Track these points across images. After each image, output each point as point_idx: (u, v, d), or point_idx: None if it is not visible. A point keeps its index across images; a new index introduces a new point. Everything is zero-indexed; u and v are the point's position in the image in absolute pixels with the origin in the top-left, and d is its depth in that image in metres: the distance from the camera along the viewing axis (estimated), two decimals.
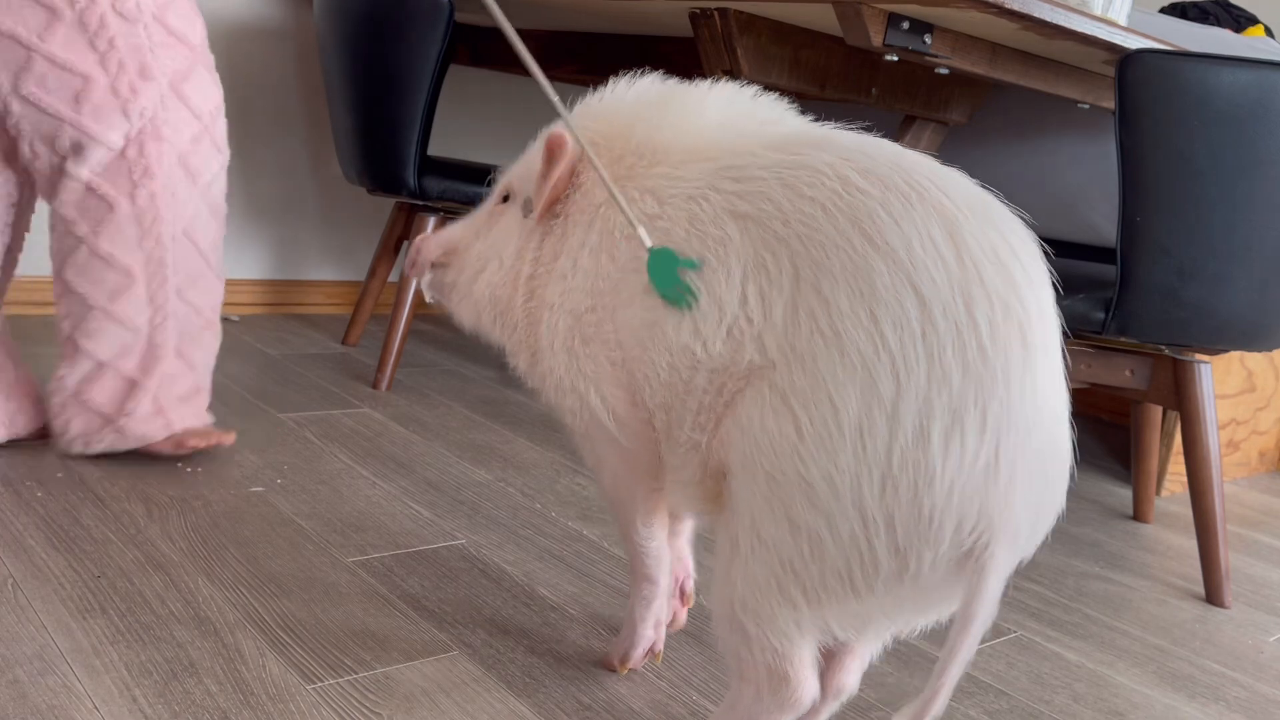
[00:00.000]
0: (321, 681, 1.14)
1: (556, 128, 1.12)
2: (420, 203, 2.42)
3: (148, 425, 1.65)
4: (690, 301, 0.95)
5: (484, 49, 2.92)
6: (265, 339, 2.62)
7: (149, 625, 1.21)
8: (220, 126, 1.67)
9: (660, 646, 1.25)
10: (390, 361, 2.31)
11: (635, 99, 1.12)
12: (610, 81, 1.15)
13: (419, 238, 1.25)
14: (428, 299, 1.26)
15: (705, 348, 0.93)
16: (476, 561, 1.50)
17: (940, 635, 1.46)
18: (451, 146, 3.18)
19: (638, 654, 1.23)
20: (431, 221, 2.37)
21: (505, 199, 1.19)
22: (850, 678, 1.05)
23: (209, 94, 1.64)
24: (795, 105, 1.10)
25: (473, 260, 1.19)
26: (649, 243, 0.98)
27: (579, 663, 1.26)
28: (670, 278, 0.97)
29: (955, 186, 0.88)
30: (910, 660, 1.36)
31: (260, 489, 1.65)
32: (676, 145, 1.05)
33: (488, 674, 1.20)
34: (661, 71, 1.16)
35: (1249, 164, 1.53)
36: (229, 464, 1.73)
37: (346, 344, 2.67)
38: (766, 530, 0.89)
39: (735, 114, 1.07)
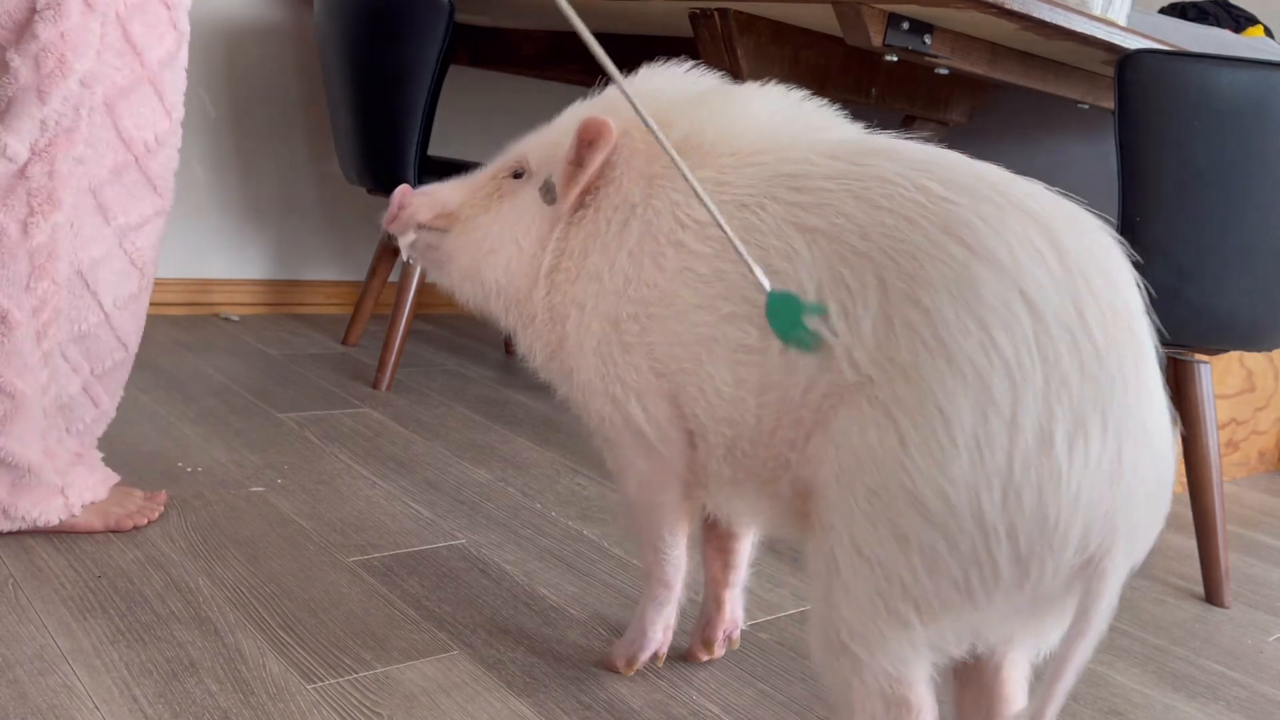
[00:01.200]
0: (322, 681, 1.14)
1: (593, 111, 1.07)
2: None
3: (40, 508, 1.35)
4: (815, 345, 0.88)
5: (484, 49, 2.92)
6: (265, 339, 2.62)
7: (149, 625, 1.21)
8: (159, 163, 1.34)
9: (665, 650, 1.25)
10: (390, 361, 2.31)
11: (674, 92, 1.08)
12: (643, 69, 1.11)
13: (401, 190, 1.19)
14: (404, 257, 1.21)
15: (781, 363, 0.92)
16: (476, 561, 1.50)
17: None
18: (451, 146, 3.18)
19: (644, 657, 1.23)
20: None
21: (517, 175, 1.15)
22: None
23: (148, 122, 1.32)
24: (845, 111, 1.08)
25: (479, 238, 1.14)
26: (767, 285, 0.89)
27: (579, 663, 1.26)
28: (793, 324, 0.86)
29: (1039, 193, 0.87)
30: None
31: (260, 489, 1.65)
32: (722, 147, 1.02)
33: (488, 674, 1.21)
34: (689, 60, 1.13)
35: (1249, 164, 1.53)
36: (229, 464, 1.74)
37: (346, 344, 2.67)
38: (870, 547, 0.85)
39: (783, 117, 1.04)
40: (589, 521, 1.70)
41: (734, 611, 1.28)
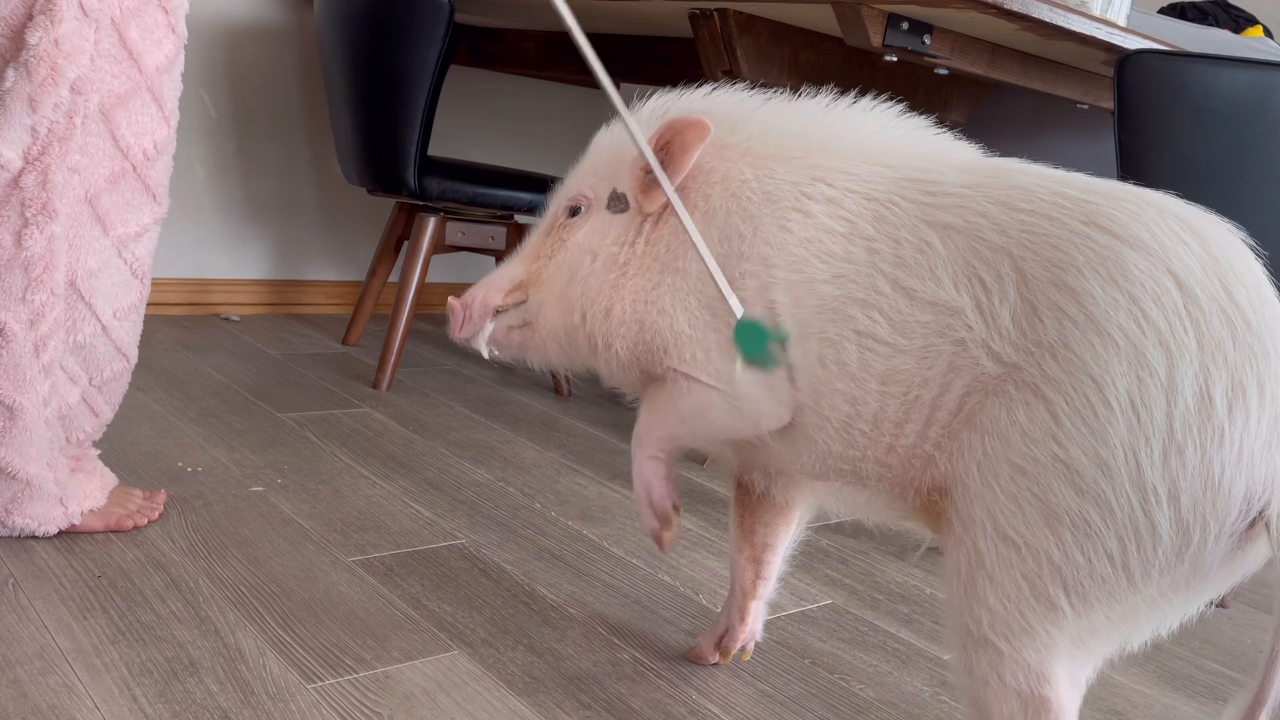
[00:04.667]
0: (322, 681, 1.15)
1: (678, 113, 1.08)
2: (420, 203, 2.42)
3: (39, 520, 1.35)
4: (774, 365, 0.97)
5: (484, 49, 2.93)
6: (265, 339, 2.63)
7: (149, 625, 1.22)
8: (158, 171, 1.32)
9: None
10: (390, 361, 2.32)
11: (775, 106, 1.11)
12: (725, 86, 1.14)
13: (451, 300, 1.17)
14: (486, 355, 1.18)
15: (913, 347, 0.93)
16: (476, 561, 1.50)
17: (935, 634, 1.46)
18: (451, 146, 3.18)
19: (669, 506, 1.14)
20: (432, 222, 2.37)
21: (574, 213, 1.14)
22: None
23: (147, 129, 1.29)
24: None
25: (559, 276, 1.13)
26: (739, 312, 0.97)
27: (579, 662, 1.26)
28: (759, 349, 0.98)
29: (1171, 198, 0.90)
30: (909, 659, 1.37)
31: (260, 489, 1.65)
32: (841, 144, 1.04)
33: (488, 673, 1.21)
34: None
35: (1248, 164, 1.53)
36: (229, 464, 1.74)
37: (347, 344, 2.68)
38: (1015, 529, 0.85)
39: (902, 133, 1.07)
40: (589, 521, 1.70)
41: (755, 623, 1.28)
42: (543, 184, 2.46)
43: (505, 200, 2.40)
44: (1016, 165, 0.97)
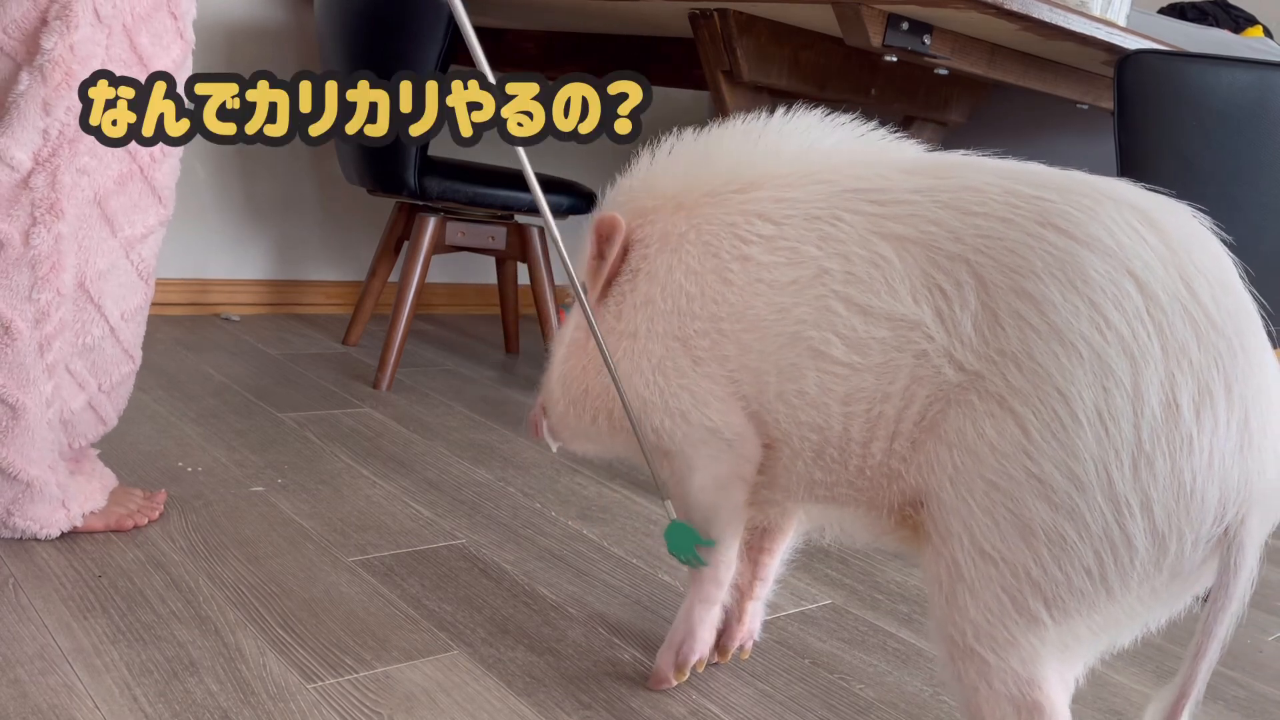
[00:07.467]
0: (322, 681, 1.15)
1: (603, 212, 1.13)
2: (421, 203, 2.42)
3: (41, 522, 1.35)
4: (700, 564, 1.13)
5: (484, 49, 2.93)
6: (266, 339, 2.63)
7: (150, 625, 1.22)
8: (164, 174, 1.34)
9: (707, 655, 1.23)
10: (390, 361, 2.32)
11: (699, 148, 1.11)
12: (643, 150, 1.16)
13: (532, 412, 1.29)
14: (554, 450, 1.29)
15: (870, 367, 0.93)
16: (476, 561, 1.50)
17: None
18: (452, 147, 3.17)
19: (694, 660, 1.20)
20: (432, 222, 2.37)
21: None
22: None
23: None
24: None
25: (551, 372, 1.23)
26: (673, 515, 1.08)
27: (579, 662, 1.26)
28: (686, 549, 1.14)
29: (1127, 185, 0.88)
30: (909, 659, 1.37)
31: (260, 489, 1.65)
32: (772, 172, 1.03)
33: (488, 673, 1.21)
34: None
35: (1247, 164, 1.54)
36: (229, 464, 1.74)
37: (347, 344, 2.68)
38: (992, 544, 0.85)
39: (836, 140, 1.06)
40: (589, 521, 1.70)
41: (753, 622, 1.28)
42: (543, 184, 2.46)
43: (505, 200, 2.41)
44: (962, 161, 0.95)
